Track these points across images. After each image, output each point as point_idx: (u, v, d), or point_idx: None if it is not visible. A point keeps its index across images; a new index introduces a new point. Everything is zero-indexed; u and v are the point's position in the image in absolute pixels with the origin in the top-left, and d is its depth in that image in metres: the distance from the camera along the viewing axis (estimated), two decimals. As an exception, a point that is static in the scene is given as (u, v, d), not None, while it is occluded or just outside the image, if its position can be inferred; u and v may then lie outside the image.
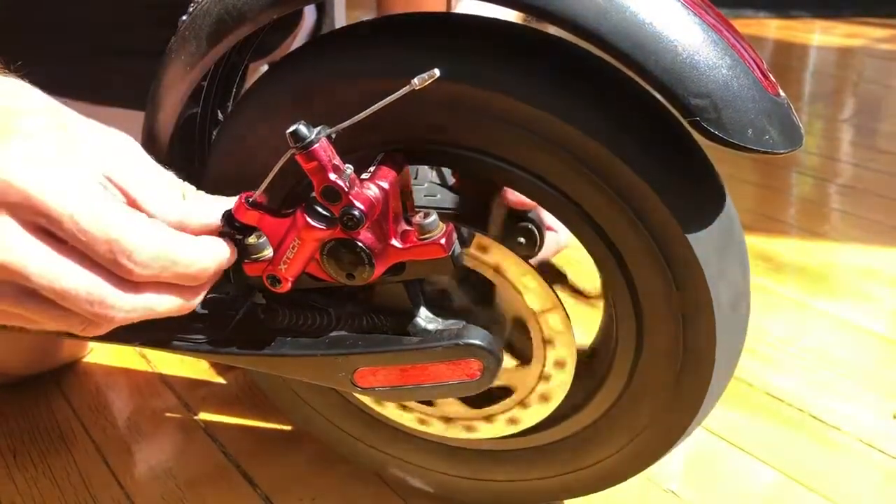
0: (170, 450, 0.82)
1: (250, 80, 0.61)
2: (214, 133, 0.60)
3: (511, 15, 0.53)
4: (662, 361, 0.54)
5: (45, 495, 0.76)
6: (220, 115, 0.60)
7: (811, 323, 1.03)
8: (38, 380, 0.92)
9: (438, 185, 0.59)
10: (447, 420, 0.62)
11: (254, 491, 0.76)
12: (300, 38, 1.07)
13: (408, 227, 0.50)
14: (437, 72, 0.44)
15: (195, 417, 0.86)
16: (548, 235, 0.62)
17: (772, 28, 2.76)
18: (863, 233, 1.28)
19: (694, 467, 0.78)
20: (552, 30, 0.49)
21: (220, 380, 0.92)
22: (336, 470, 0.77)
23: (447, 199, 0.57)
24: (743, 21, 2.79)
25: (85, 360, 0.96)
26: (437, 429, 0.63)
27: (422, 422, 0.63)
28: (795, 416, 0.86)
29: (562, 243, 0.68)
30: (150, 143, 0.54)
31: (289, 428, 0.84)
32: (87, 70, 0.86)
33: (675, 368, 0.54)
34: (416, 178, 0.59)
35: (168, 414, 0.87)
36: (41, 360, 0.90)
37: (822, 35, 2.70)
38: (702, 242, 0.49)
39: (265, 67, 1.06)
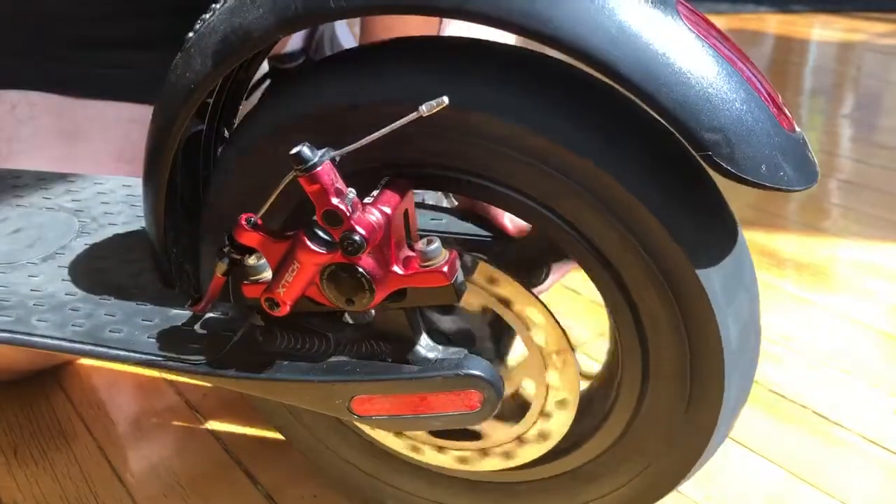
0: (171, 447, 0.82)
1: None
2: (219, 150, 0.59)
3: (510, 38, 0.52)
4: (669, 399, 0.53)
5: (46, 492, 0.76)
6: (225, 133, 0.59)
7: (813, 319, 1.02)
8: (40, 377, 0.92)
9: (445, 209, 0.58)
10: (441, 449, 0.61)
11: (255, 488, 0.76)
12: (297, 34, 1.06)
13: (410, 254, 0.49)
14: (445, 99, 0.43)
15: (197, 415, 0.86)
16: None
17: (772, 23, 2.75)
18: (863, 228, 1.27)
19: None
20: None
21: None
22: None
23: (452, 224, 0.56)
24: (743, 16, 2.78)
25: (85, 358, 0.95)
26: (433, 458, 0.62)
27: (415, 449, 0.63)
28: (798, 413, 0.85)
29: (568, 268, 0.66)
30: (154, 161, 0.54)
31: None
32: (71, 64, 0.87)
33: (681, 406, 0.53)
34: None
35: (169, 411, 0.87)
36: (42, 357, 0.90)
37: (822, 30, 2.68)
38: (711, 277, 0.48)
39: (263, 63, 1.06)
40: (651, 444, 0.55)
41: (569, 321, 0.54)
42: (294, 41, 1.07)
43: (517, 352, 0.58)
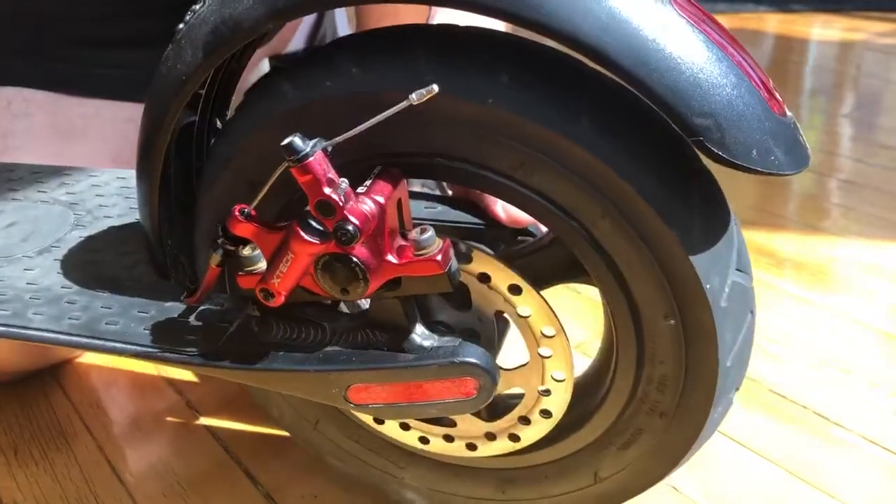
0: (171, 447, 0.82)
1: (247, 71, 0.60)
2: (212, 141, 0.59)
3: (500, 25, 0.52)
4: (664, 383, 0.53)
5: (47, 492, 0.76)
6: (217, 124, 0.59)
7: (813, 318, 1.02)
8: (39, 377, 0.92)
9: (440, 197, 0.58)
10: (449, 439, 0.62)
11: (255, 488, 0.75)
12: (301, 31, 1.06)
13: (404, 243, 0.49)
14: (435, 87, 0.43)
15: (196, 414, 0.86)
16: None
17: (772, 22, 2.74)
18: (863, 227, 1.27)
19: (696, 463, 0.77)
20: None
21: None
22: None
23: (447, 212, 0.56)
24: (743, 15, 2.76)
25: (84, 357, 0.96)
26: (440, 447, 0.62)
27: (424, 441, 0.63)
28: (798, 413, 0.85)
29: None
30: (147, 152, 0.54)
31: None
32: (70, 63, 0.87)
33: (676, 391, 0.53)
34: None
35: (169, 411, 0.87)
36: (40, 356, 0.90)
37: (822, 29, 2.67)
38: (703, 261, 0.48)
39: (264, 62, 1.06)
40: (648, 427, 0.56)
41: (568, 320, 0.54)
42: (296, 41, 1.06)
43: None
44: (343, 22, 1.17)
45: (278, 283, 0.49)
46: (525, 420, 0.58)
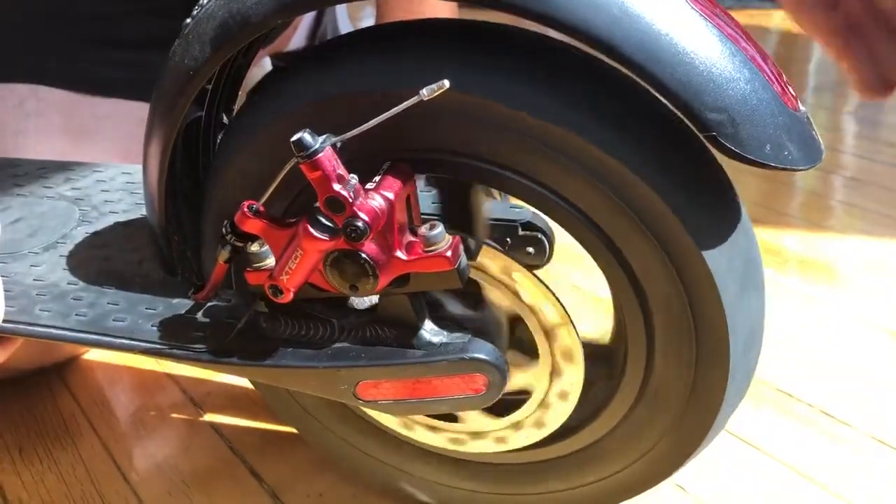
0: (175, 445, 0.81)
1: (250, 71, 0.60)
2: (219, 137, 0.59)
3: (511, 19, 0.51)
4: (674, 377, 0.53)
5: (51, 491, 0.76)
6: (224, 119, 0.59)
7: (818, 316, 1.01)
8: (45, 375, 0.91)
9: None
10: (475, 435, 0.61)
11: (260, 486, 0.75)
12: (301, 28, 1.06)
13: (413, 239, 0.49)
14: (446, 83, 0.43)
15: (201, 412, 0.86)
16: None
17: (776, 18, 2.74)
18: (868, 225, 1.26)
19: (702, 463, 0.76)
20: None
21: (226, 375, 0.91)
22: (343, 466, 0.77)
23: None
24: (748, 12, 2.76)
25: (89, 355, 0.95)
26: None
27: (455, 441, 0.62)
28: (805, 412, 0.84)
29: None
30: (154, 149, 0.53)
31: (295, 425, 0.83)
32: (83, 62, 0.86)
33: (689, 376, 0.53)
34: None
35: (174, 409, 0.87)
36: (45, 353, 0.90)
37: None
38: (716, 260, 0.48)
39: (266, 60, 1.06)
40: (667, 409, 0.55)
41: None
42: (297, 39, 1.06)
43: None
44: (344, 19, 1.17)
45: (287, 279, 0.49)
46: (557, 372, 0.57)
